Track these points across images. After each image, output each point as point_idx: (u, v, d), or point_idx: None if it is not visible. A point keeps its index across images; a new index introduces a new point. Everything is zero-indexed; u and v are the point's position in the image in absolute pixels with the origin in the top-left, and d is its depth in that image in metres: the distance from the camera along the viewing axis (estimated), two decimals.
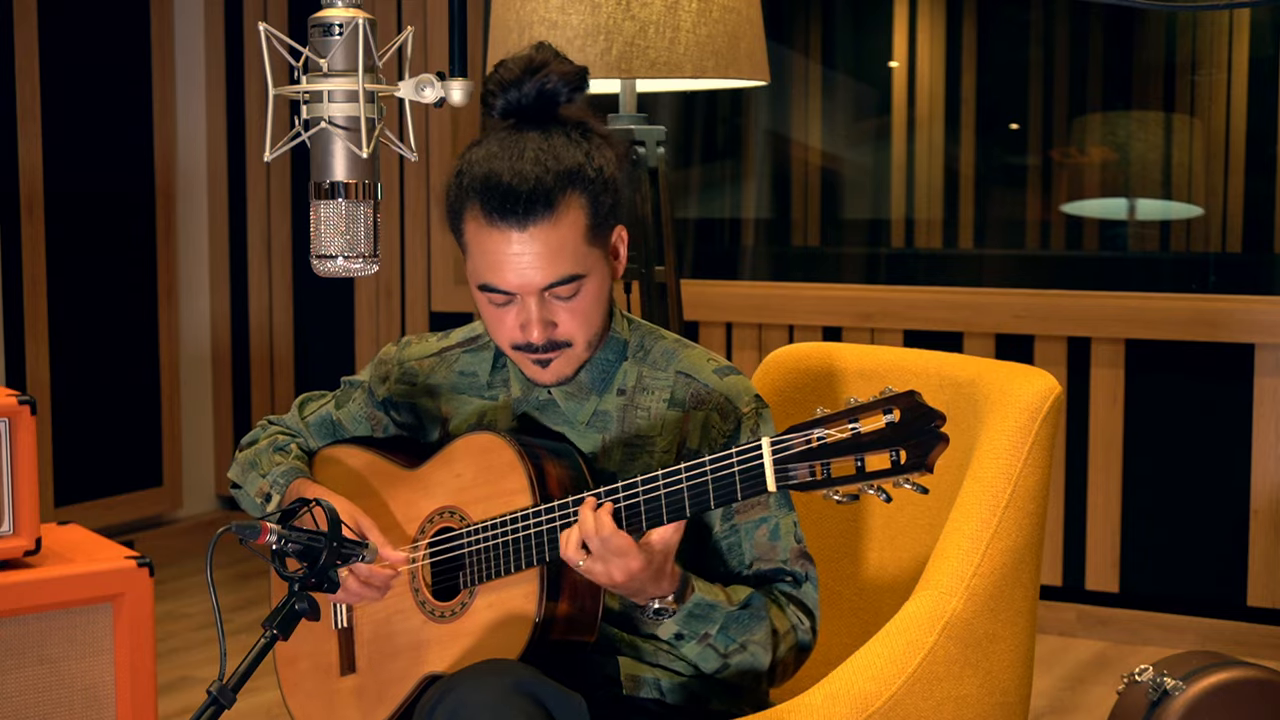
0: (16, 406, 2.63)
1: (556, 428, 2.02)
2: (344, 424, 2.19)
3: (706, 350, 2.06)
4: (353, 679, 2.07)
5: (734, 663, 1.92)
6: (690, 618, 1.87)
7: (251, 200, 5.36)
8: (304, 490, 2.07)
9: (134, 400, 5.17)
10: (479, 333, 2.13)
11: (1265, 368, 4.15)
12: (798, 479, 1.71)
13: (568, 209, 1.88)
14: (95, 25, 5.01)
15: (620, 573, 1.79)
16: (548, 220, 1.86)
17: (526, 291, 1.89)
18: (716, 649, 1.90)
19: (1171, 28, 4.82)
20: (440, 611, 1.97)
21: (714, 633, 1.89)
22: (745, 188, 5.43)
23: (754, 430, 1.98)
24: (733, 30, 2.71)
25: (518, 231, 1.86)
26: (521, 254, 1.87)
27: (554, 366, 1.95)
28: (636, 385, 2.01)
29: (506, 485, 1.92)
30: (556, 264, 1.88)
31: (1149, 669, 2.50)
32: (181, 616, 4.52)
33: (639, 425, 1.99)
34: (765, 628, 1.92)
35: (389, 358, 2.16)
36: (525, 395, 2.04)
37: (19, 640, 2.59)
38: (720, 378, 2.00)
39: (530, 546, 1.88)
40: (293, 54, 1.73)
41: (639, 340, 2.04)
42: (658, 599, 1.85)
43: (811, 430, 1.70)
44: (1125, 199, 4.99)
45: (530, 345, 1.92)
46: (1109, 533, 4.35)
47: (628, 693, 1.94)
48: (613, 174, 1.93)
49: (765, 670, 1.94)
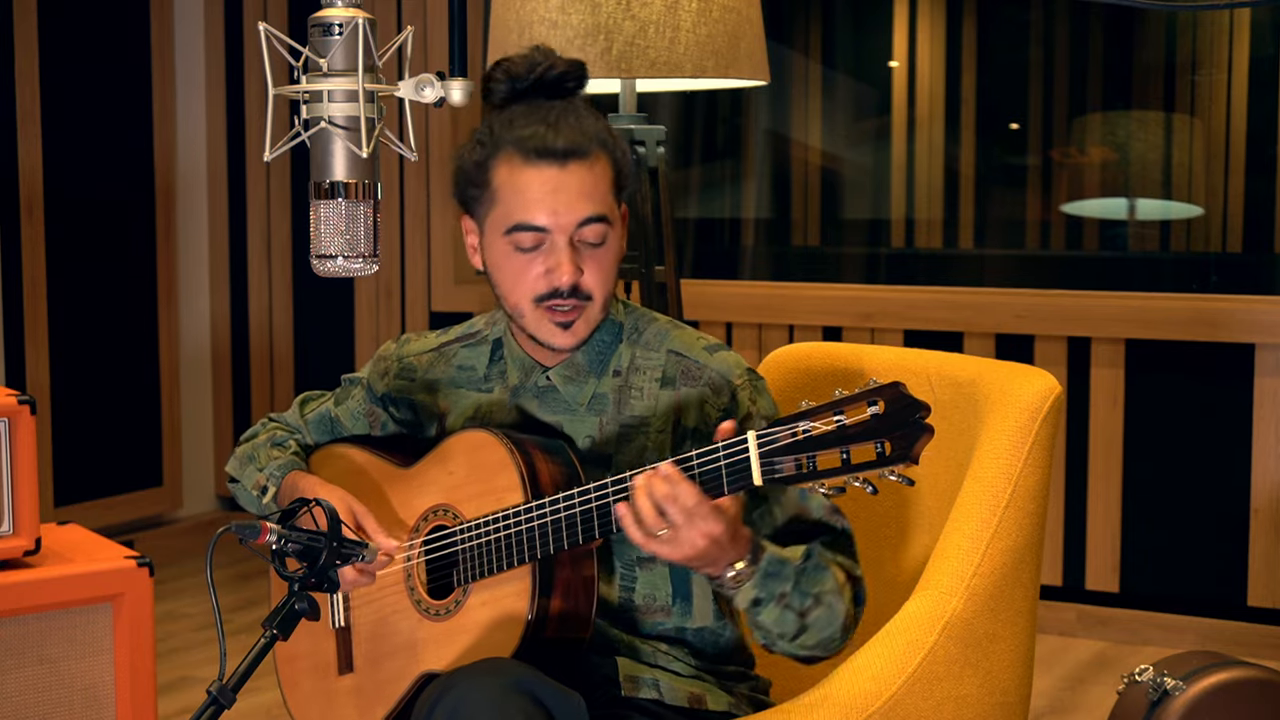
0: (16, 406, 2.63)
1: (556, 415, 2.02)
2: (342, 421, 2.19)
3: (697, 331, 2.06)
4: (351, 678, 2.07)
5: (811, 620, 1.87)
6: (766, 578, 1.84)
7: (251, 200, 5.36)
8: (299, 482, 2.07)
9: (134, 400, 5.17)
10: (478, 328, 2.13)
11: (1265, 368, 4.15)
12: (783, 472, 1.70)
13: (598, 159, 1.93)
14: (95, 26, 5.01)
15: (704, 536, 1.76)
16: (584, 162, 1.92)
17: (560, 228, 1.91)
18: (793, 608, 1.86)
19: (1171, 28, 4.82)
20: (435, 610, 1.97)
21: (789, 590, 1.85)
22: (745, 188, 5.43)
23: (752, 400, 1.98)
24: (733, 30, 2.71)
25: (557, 169, 1.91)
26: (559, 190, 1.91)
27: (575, 326, 1.95)
28: (630, 366, 2.01)
29: (498, 483, 1.93)
30: (592, 201, 1.92)
31: (1149, 669, 2.50)
32: (181, 616, 4.52)
33: (634, 407, 1.99)
34: (832, 576, 1.89)
35: (388, 354, 2.17)
36: (524, 382, 2.04)
37: (19, 640, 2.59)
38: (710, 354, 2.01)
39: (522, 544, 1.88)
40: (293, 54, 1.73)
41: (633, 322, 2.05)
42: (733, 565, 1.82)
43: (797, 423, 1.69)
44: (1125, 199, 4.99)
45: (557, 291, 1.93)
46: (1109, 533, 4.35)
47: (626, 693, 1.94)
48: (625, 149, 1.99)
49: (840, 622, 1.89)
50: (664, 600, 1.98)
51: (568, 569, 1.88)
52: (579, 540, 1.85)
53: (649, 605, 1.98)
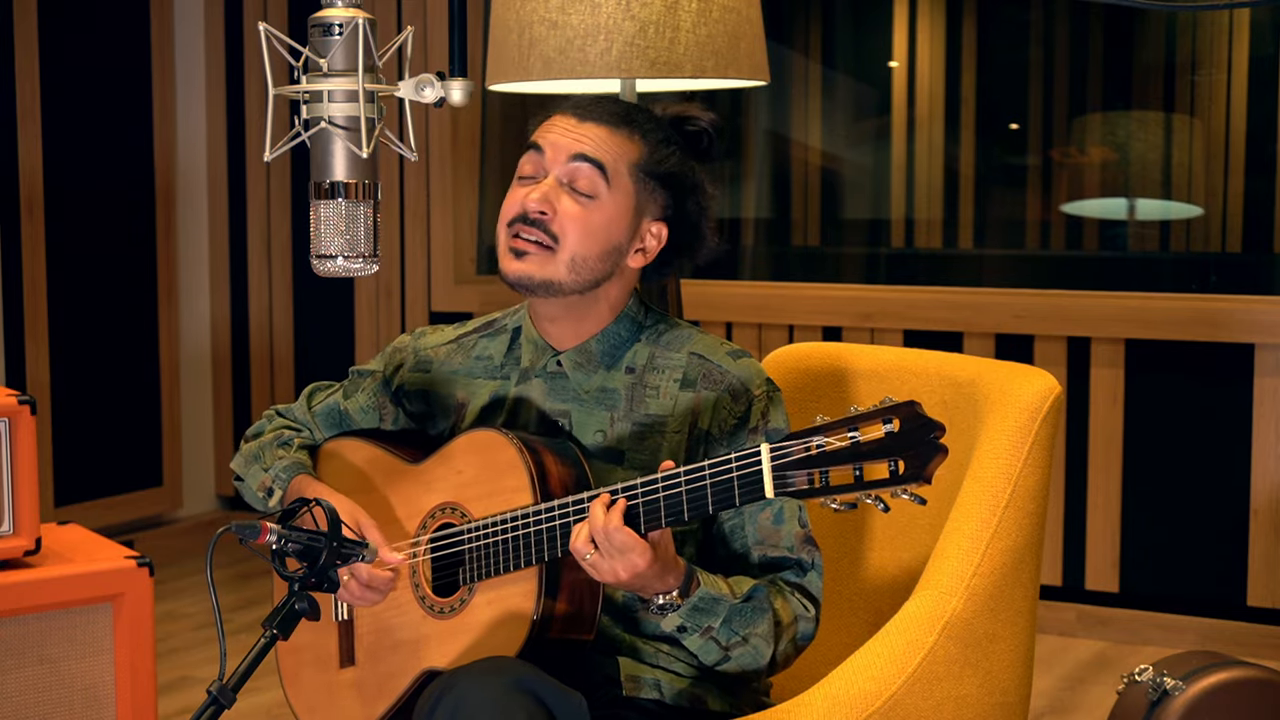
0: (16, 406, 2.63)
1: (562, 403, 2.03)
2: (351, 415, 2.19)
3: (721, 337, 2.08)
4: (352, 671, 2.07)
5: (735, 655, 1.92)
6: (694, 611, 1.88)
7: (251, 200, 5.36)
8: (305, 488, 2.07)
9: (134, 400, 5.17)
10: (497, 318, 2.14)
11: (1265, 368, 4.15)
12: (796, 486, 1.71)
13: (627, 136, 2.01)
14: (95, 25, 5.01)
15: (625, 570, 1.79)
16: (605, 126, 2.00)
17: (554, 158, 1.98)
18: (718, 641, 1.90)
19: (1171, 28, 4.82)
20: (440, 607, 1.97)
21: (717, 625, 1.89)
22: (745, 188, 5.42)
23: (764, 414, 1.99)
24: (733, 30, 2.71)
25: (578, 119, 2.00)
26: (571, 130, 2.00)
27: (527, 260, 1.98)
28: (647, 365, 2.02)
29: (507, 483, 1.93)
30: (593, 147, 1.98)
31: (1149, 669, 2.50)
32: (181, 616, 4.52)
33: (649, 405, 2.00)
34: (768, 620, 1.92)
35: (404, 345, 2.17)
36: (534, 365, 2.05)
37: (19, 640, 2.59)
38: (734, 360, 2.02)
39: (529, 545, 1.88)
40: (293, 54, 1.73)
41: (654, 323, 2.07)
42: (663, 594, 1.86)
43: (811, 438, 1.70)
44: (1125, 199, 4.99)
45: (524, 214, 1.97)
46: (1109, 533, 4.35)
47: (628, 693, 1.94)
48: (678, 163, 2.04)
49: (764, 663, 1.94)
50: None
51: (575, 570, 1.88)
52: None
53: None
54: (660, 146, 2.03)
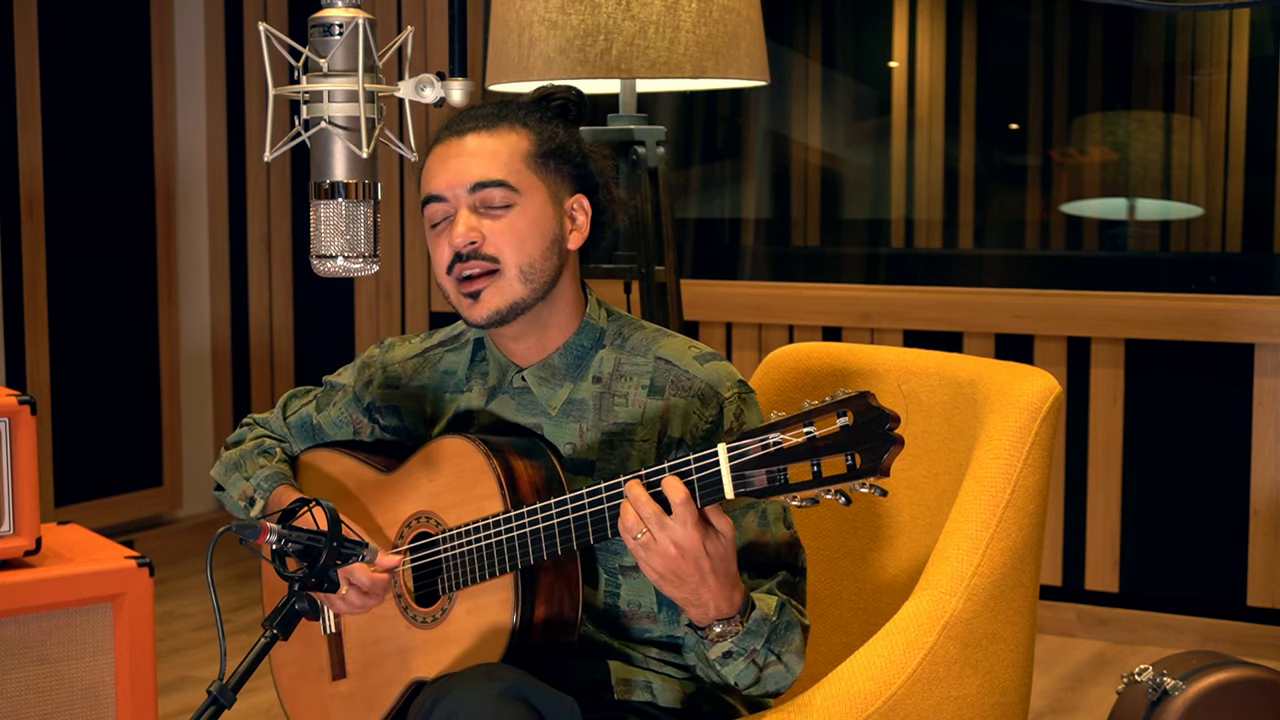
0: (16, 406, 2.63)
1: (531, 417, 2.01)
2: (324, 428, 2.18)
3: (688, 339, 2.04)
4: (345, 683, 2.07)
5: (766, 674, 1.86)
6: (746, 634, 1.82)
7: (251, 200, 5.36)
8: (286, 498, 2.06)
9: (134, 400, 5.17)
10: (460, 330, 2.13)
11: (1265, 368, 4.15)
12: (755, 485, 1.68)
13: (509, 130, 1.97)
14: (95, 25, 5.01)
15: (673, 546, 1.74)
16: (485, 132, 1.96)
17: (456, 195, 1.94)
18: (756, 664, 1.85)
19: (1171, 28, 4.82)
20: (422, 617, 1.97)
21: (759, 647, 1.84)
22: (745, 188, 5.42)
23: (737, 416, 1.96)
24: (733, 30, 2.71)
25: (456, 139, 1.96)
26: (454, 157, 1.95)
27: (485, 297, 1.93)
28: (614, 372, 1.99)
29: (477, 491, 1.92)
30: (487, 166, 1.94)
31: (1149, 669, 2.50)
32: (181, 616, 4.52)
33: (618, 414, 1.97)
34: (799, 635, 1.88)
35: (372, 360, 2.16)
36: (500, 382, 2.03)
37: (19, 640, 2.59)
38: (701, 364, 1.97)
39: (503, 553, 1.87)
40: (293, 54, 1.73)
41: (617, 329, 2.03)
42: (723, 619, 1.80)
43: (767, 435, 1.67)
44: (1125, 199, 4.99)
45: (457, 255, 1.93)
46: (1109, 533, 4.35)
47: (620, 697, 1.93)
48: (564, 135, 2.00)
49: (789, 681, 1.89)
50: (649, 608, 1.97)
51: (550, 575, 1.87)
52: (558, 551, 1.83)
53: (634, 611, 1.97)
54: (543, 126, 1.99)
